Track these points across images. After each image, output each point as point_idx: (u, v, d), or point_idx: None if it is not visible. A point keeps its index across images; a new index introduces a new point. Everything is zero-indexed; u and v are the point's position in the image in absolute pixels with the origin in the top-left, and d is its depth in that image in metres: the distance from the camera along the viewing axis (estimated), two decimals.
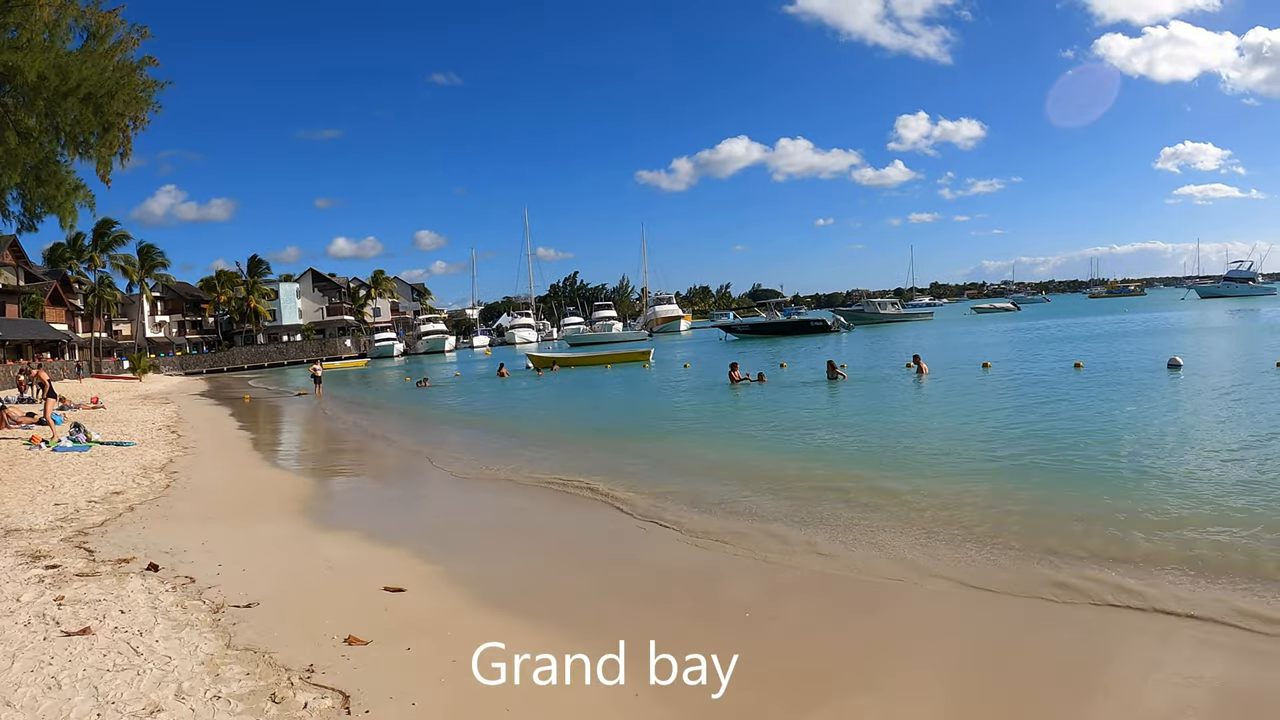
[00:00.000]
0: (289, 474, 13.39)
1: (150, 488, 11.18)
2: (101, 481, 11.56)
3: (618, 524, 8.61)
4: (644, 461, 12.33)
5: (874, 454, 11.82)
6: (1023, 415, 14.64)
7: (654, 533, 8.13)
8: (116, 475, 12.12)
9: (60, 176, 19.90)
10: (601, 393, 26.98)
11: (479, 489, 11.15)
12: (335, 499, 11.12)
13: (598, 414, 20.96)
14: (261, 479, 12.67)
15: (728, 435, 14.80)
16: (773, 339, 58.14)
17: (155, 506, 9.92)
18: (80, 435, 16.32)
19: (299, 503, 10.29)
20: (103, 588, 6.28)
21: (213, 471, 13.00)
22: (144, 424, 21.25)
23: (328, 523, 9.12)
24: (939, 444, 12.25)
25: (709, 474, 11.02)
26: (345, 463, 15.11)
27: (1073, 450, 10.96)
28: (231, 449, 16.70)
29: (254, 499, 10.75)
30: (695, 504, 9.15)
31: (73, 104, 18.57)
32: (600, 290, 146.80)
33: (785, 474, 10.64)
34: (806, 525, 8.04)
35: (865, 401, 18.74)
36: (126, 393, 41.17)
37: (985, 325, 62.09)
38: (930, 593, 6.03)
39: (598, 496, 9.90)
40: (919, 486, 9.32)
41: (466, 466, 12.80)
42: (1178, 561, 6.34)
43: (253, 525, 8.99)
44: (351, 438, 18.78)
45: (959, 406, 16.72)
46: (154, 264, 78.42)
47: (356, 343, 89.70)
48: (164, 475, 12.26)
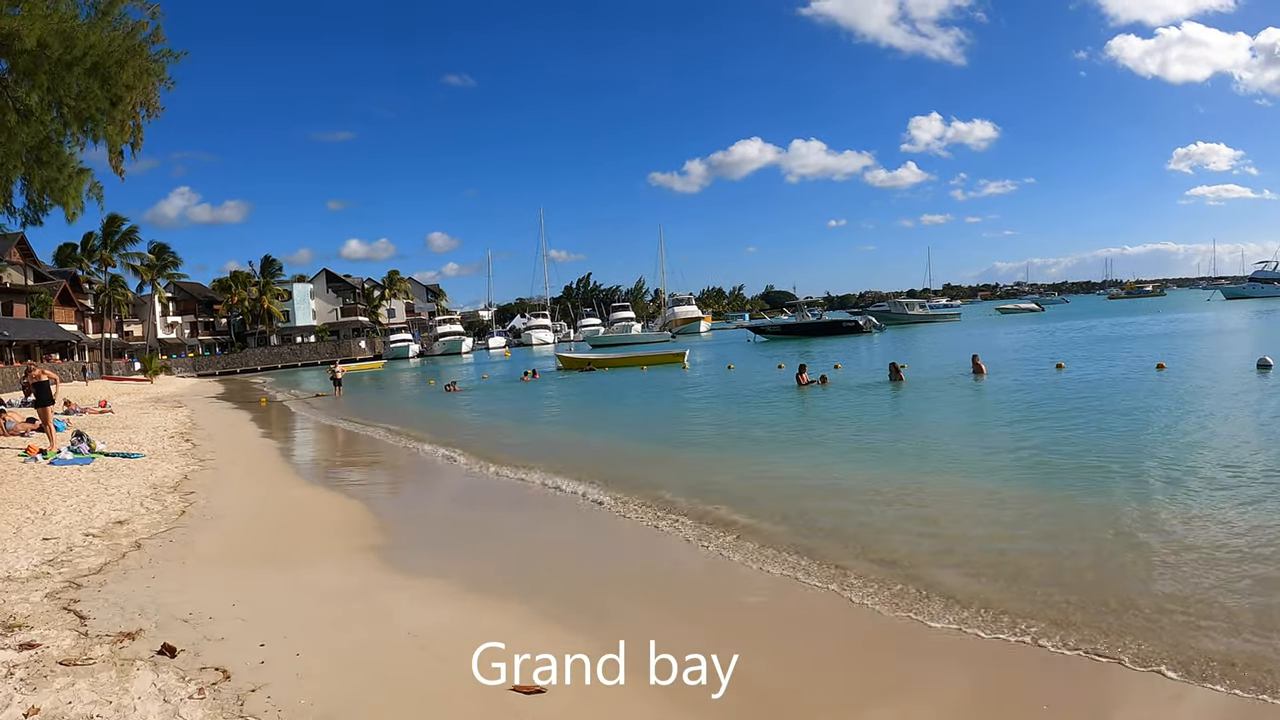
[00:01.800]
0: (331, 493, 11.12)
1: (162, 514, 9.16)
2: (103, 505, 9.56)
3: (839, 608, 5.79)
4: (797, 491, 9.49)
5: (1056, 472, 9.68)
6: (1158, 422, 12.81)
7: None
8: (121, 497, 10.11)
9: (63, 158, 17.98)
10: (656, 397, 24.68)
11: (583, 518, 8.95)
12: (398, 528, 8.92)
13: (676, 423, 17.93)
14: (298, 501, 10.55)
15: (850, 447, 12.54)
16: (803, 340, 56.64)
17: (168, 542, 7.89)
18: (82, 445, 14.36)
19: (353, 534, 8.23)
20: (97, 690, 4.26)
21: (237, 491, 10.95)
22: (155, 431, 19.30)
23: (400, 564, 7.03)
24: (1102, 458, 10.11)
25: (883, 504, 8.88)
26: (396, 479, 12.91)
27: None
28: (256, 462, 14.64)
29: (293, 529, 8.70)
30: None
31: (77, 75, 16.65)
32: (614, 292, 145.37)
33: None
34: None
35: (961, 407, 16.77)
36: (137, 395, 39.40)
37: (1018, 326, 59.98)
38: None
39: (781, 554, 6.96)
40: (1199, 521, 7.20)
41: (550, 484, 10.68)
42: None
43: (297, 570, 6.92)
44: (393, 448, 16.51)
45: (1063, 411, 14.76)
46: (166, 264, 76.95)
47: (371, 344, 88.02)
48: (178, 497, 10.25)
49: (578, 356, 38.91)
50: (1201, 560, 6.08)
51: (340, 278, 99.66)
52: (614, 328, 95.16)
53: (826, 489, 9.51)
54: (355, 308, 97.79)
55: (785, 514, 8.24)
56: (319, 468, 14.60)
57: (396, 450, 16.02)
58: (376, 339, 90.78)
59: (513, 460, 12.82)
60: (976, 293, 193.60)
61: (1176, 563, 6.09)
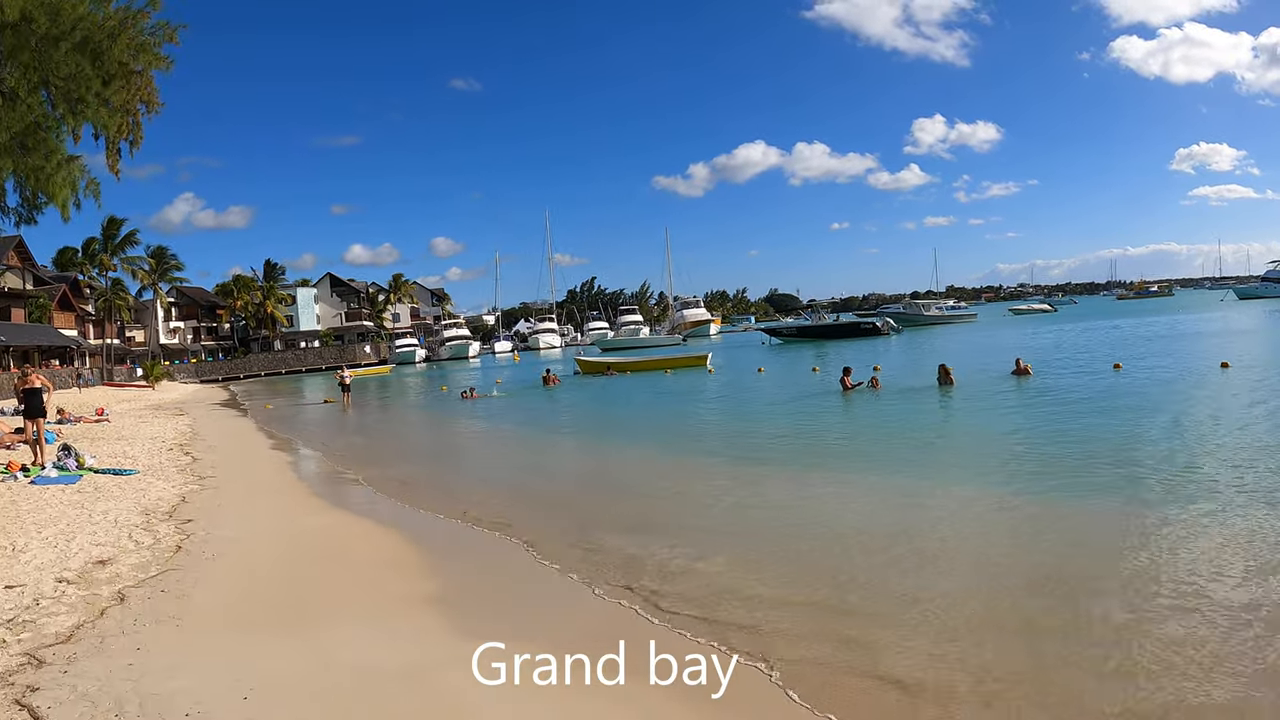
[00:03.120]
0: (359, 520, 9.37)
1: (153, 551, 7.56)
2: (85, 538, 7.97)
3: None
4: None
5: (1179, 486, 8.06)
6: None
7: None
8: (107, 526, 8.52)
9: (50, 145, 16.47)
10: (696, 403, 22.69)
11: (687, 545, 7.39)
12: (457, 568, 7.21)
13: (747, 435, 15.34)
14: (318, 532, 8.84)
15: (977, 464, 10.75)
16: (820, 342, 55.19)
17: (159, 592, 6.30)
18: (69, 461, 12.76)
19: (395, 577, 6.63)
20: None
21: (243, 518, 9.31)
22: (152, 442, 17.70)
23: (470, 625, 5.39)
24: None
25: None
26: (440, 497, 10.88)
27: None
28: (264, 479, 12.95)
29: (316, 572, 7.08)
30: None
31: (65, 51, 15.14)
32: (619, 295, 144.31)
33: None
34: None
35: (1040, 413, 15.11)
36: (137, 402, 37.85)
37: (1036, 326, 58.35)
38: None
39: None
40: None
41: (628, 513, 9.03)
42: None
43: (328, 634, 5.30)
44: (430, 462, 14.81)
45: (1144, 414, 13.40)
46: (168, 267, 75.51)
47: (376, 349, 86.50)
48: (173, 526, 8.64)
49: (597, 360, 37.24)
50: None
51: (344, 282, 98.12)
52: (622, 331, 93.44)
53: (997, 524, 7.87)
54: (360, 312, 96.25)
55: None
56: (339, 486, 12.67)
57: (435, 465, 14.31)
58: (381, 344, 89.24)
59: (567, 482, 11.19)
60: (980, 294, 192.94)
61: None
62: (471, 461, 15.05)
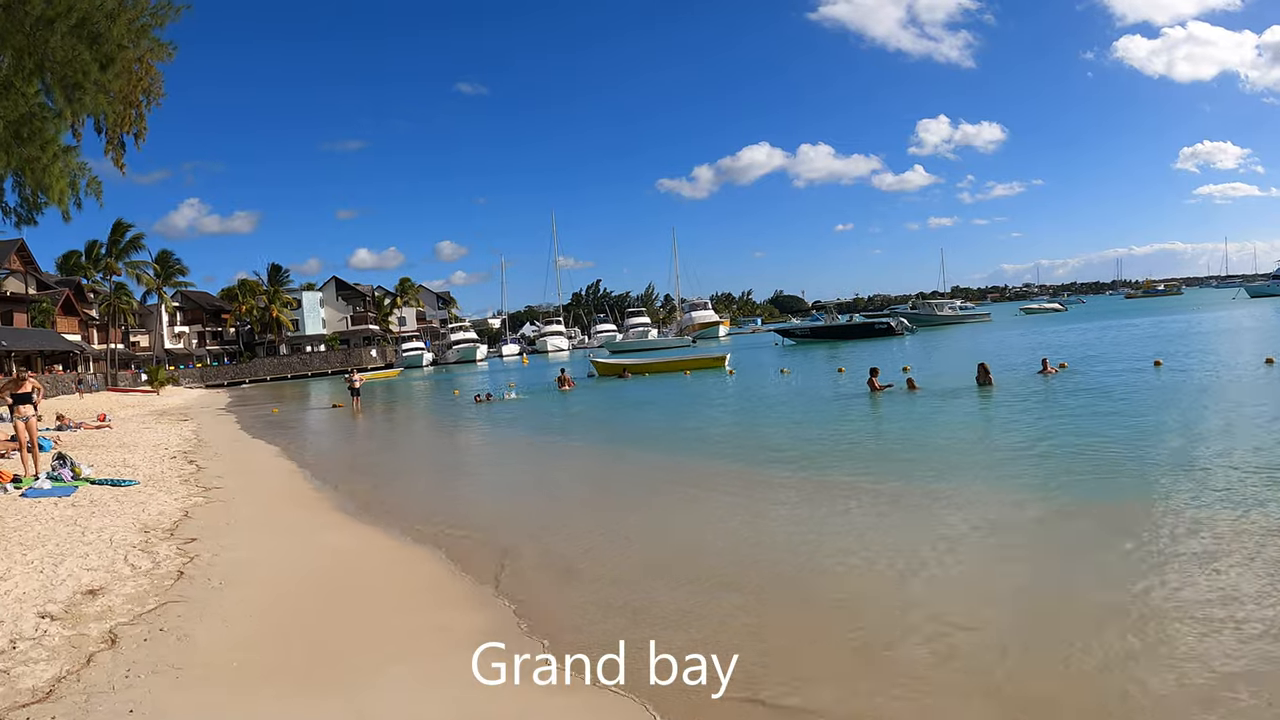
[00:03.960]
0: (387, 537, 8.16)
1: (151, 578, 6.57)
2: (75, 561, 6.99)
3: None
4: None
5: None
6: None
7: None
8: (101, 547, 7.53)
9: (46, 135, 15.52)
10: (730, 409, 21.32)
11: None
12: (519, 586, 6.10)
13: (814, 440, 13.68)
14: (342, 552, 7.69)
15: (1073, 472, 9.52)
16: (834, 343, 54.34)
17: (157, 632, 5.30)
18: (64, 471, 11.79)
19: (438, 605, 5.61)
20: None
21: (254, 537, 8.28)
22: (154, 450, 16.74)
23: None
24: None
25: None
26: (468, 515, 9.51)
27: None
28: (275, 490, 11.90)
29: (344, 604, 6.00)
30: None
31: (60, 34, 14.20)
32: (625, 298, 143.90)
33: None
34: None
35: (1099, 411, 14.08)
36: (141, 408, 36.99)
37: (1052, 325, 57.08)
38: None
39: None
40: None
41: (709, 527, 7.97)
42: None
43: (367, 692, 4.29)
44: (453, 473, 13.68)
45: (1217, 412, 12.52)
46: (172, 271, 74.77)
47: (382, 353, 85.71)
48: (175, 547, 7.64)
49: (614, 362, 36.18)
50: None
51: (350, 286, 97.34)
52: (631, 333, 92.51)
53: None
54: (366, 316, 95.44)
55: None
56: (357, 498, 11.31)
57: (479, 477, 13.24)
58: (388, 348, 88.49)
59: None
60: (986, 295, 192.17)
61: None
62: (497, 472, 13.81)
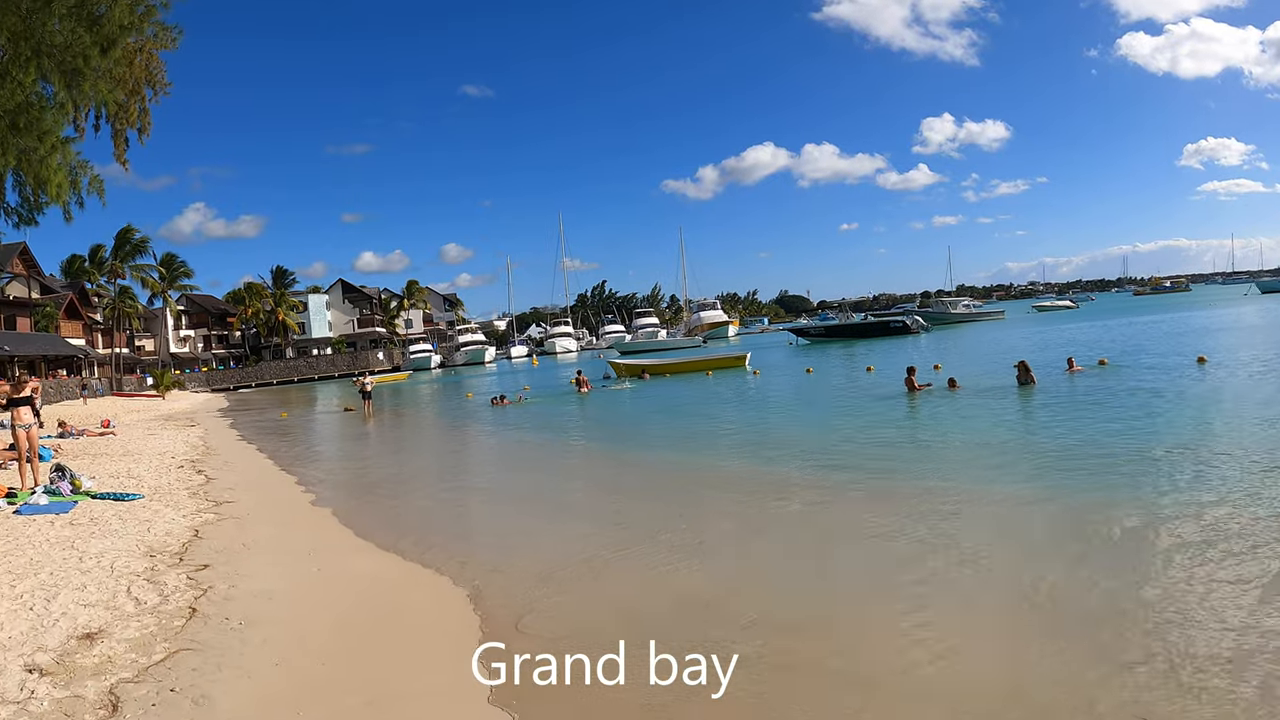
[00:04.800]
0: (423, 566, 7.08)
1: (158, 618, 5.61)
2: (70, 595, 6.05)
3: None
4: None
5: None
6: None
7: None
8: (102, 576, 6.60)
9: (44, 125, 14.65)
10: (764, 410, 20.14)
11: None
12: (563, 626, 5.16)
13: (899, 446, 12.54)
14: (371, 582, 6.68)
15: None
16: (848, 341, 53.47)
17: (166, 695, 4.34)
18: (63, 484, 10.87)
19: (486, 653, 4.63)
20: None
21: (273, 562, 7.29)
22: (160, 459, 15.81)
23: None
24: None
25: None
26: (508, 535, 8.47)
27: None
28: (290, 506, 10.91)
29: (382, 647, 5.03)
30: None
31: (58, 15, 13.32)
32: (631, 299, 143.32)
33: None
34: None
35: (1159, 410, 13.17)
36: (146, 413, 36.12)
37: (1068, 323, 55.86)
38: None
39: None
40: None
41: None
42: None
43: None
44: (483, 485, 12.61)
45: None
46: (177, 274, 74.04)
47: (389, 355, 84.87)
48: (185, 575, 6.69)
49: (633, 363, 35.19)
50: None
51: (356, 288, 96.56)
52: (640, 334, 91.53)
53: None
54: (372, 318, 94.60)
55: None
56: (382, 515, 10.37)
57: (529, 493, 12.09)
58: (395, 350, 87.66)
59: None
60: (991, 293, 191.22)
61: None
62: (531, 483, 12.64)
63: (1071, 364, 20.47)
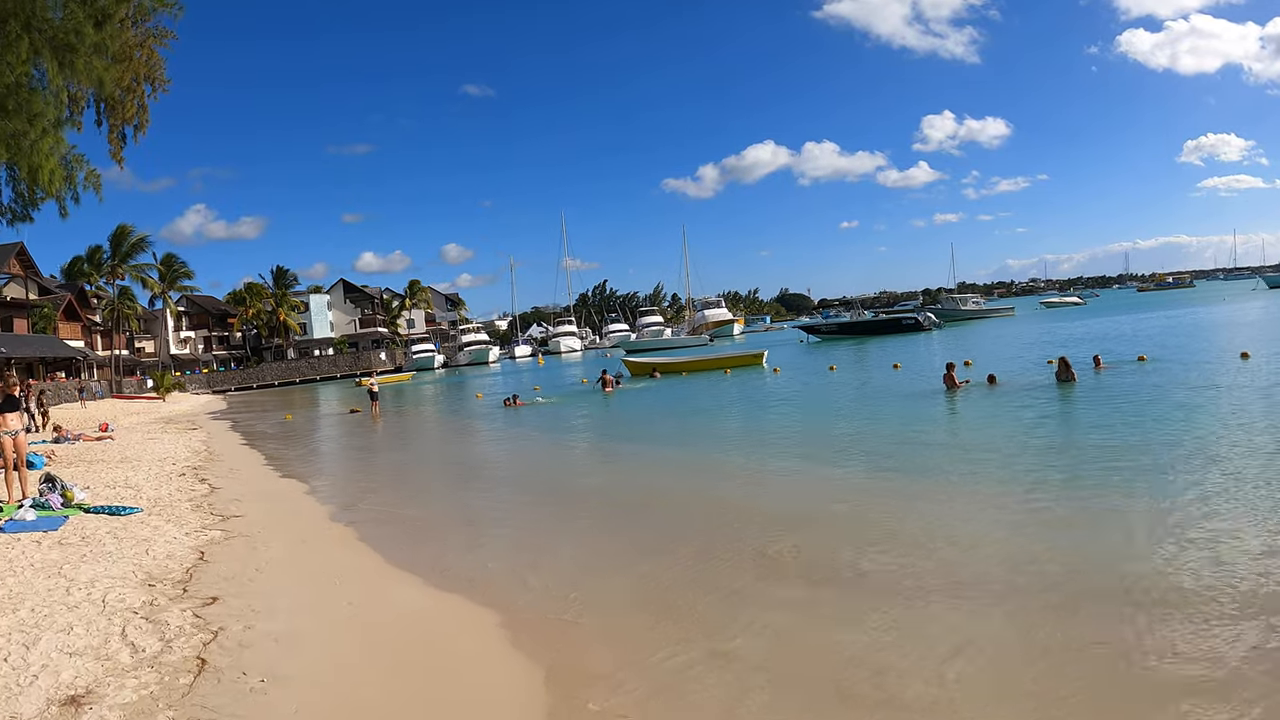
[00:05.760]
0: (474, 602, 5.93)
1: (159, 675, 4.55)
2: (53, 639, 5.02)
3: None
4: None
5: None
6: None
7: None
8: (91, 615, 5.56)
9: (35, 107, 13.62)
10: (827, 410, 18.29)
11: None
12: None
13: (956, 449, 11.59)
14: (425, 624, 5.57)
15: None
16: (860, 339, 52.71)
17: None
18: (53, 497, 9.82)
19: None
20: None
21: (295, 593, 6.20)
22: (160, 465, 14.78)
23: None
24: None
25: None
26: (569, 560, 7.31)
27: None
28: (307, 520, 9.85)
29: (434, 710, 4.06)
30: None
31: None
32: (632, 298, 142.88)
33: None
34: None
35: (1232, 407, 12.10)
36: (146, 415, 35.11)
37: (1078, 319, 54.81)
38: None
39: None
40: None
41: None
42: None
43: None
44: (524, 499, 11.03)
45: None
46: (177, 275, 72.99)
47: (391, 355, 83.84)
48: (190, 613, 5.63)
49: (645, 361, 34.17)
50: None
51: (358, 288, 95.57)
52: (645, 333, 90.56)
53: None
54: (374, 319, 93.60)
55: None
56: (412, 531, 9.08)
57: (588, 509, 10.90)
58: (397, 350, 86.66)
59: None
60: (993, 290, 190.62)
61: None
62: (579, 496, 11.00)
63: (1098, 361, 19.66)
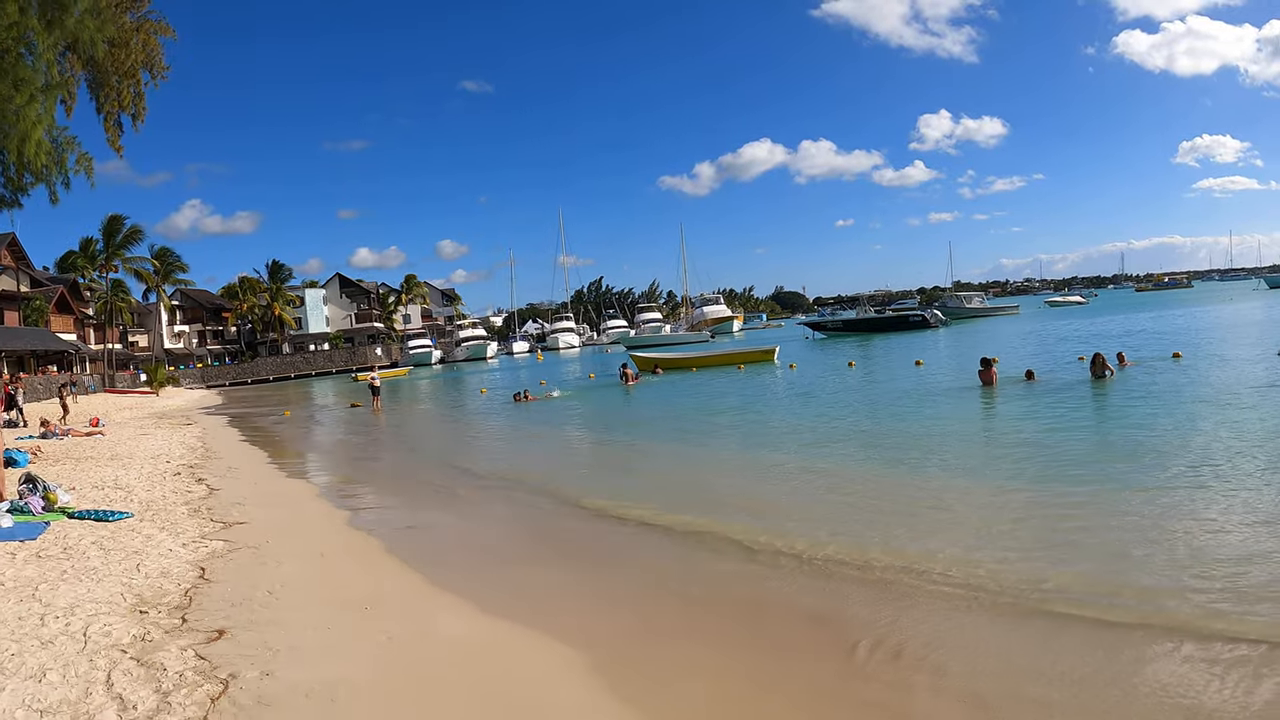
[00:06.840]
0: (540, 630, 5.03)
1: None
2: (20, 689, 3.95)
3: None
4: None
5: None
6: None
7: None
8: (69, 651, 4.49)
9: (22, 71, 12.54)
10: (867, 407, 17.18)
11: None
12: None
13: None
14: (481, 664, 4.47)
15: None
16: (866, 336, 52.00)
17: None
18: (34, 499, 8.73)
19: None
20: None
21: (318, 623, 5.16)
22: (154, 464, 13.68)
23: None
24: None
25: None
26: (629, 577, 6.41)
27: None
28: (321, 528, 8.71)
29: None
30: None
31: None
32: (628, 295, 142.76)
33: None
34: None
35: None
36: (139, 410, 33.96)
37: (1085, 318, 53.95)
38: None
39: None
40: None
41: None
42: None
43: None
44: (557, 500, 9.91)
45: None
46: (172, 268, 71.60)
47: (388, 351, 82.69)
48: (192, 653, 4.56)
49: (649, 357, 33.11)
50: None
51: (354, 283, 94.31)
52: (645, 329, 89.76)
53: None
54: (370, 314, 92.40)
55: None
56: (449, 542, 8.12)
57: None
58: (393, 345, 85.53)
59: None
60: (988, 289, 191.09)
61: None
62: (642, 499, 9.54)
63: (1123, 359, 18.99)
